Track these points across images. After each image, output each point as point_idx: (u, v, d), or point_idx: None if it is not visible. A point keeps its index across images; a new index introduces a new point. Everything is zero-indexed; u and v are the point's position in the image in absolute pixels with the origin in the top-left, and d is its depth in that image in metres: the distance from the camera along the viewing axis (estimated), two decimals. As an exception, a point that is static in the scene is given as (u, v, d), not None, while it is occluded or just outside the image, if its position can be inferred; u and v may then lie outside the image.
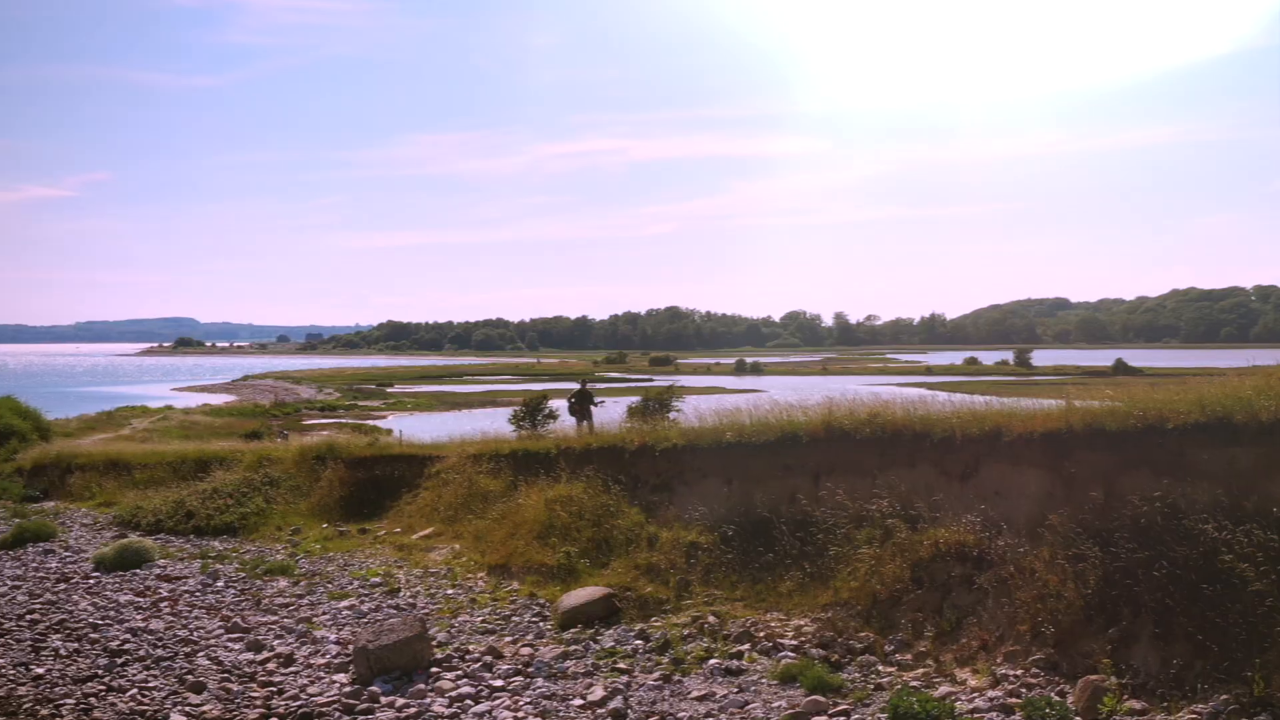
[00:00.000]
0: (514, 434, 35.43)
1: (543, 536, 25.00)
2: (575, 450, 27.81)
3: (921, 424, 21.17)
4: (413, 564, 27.09)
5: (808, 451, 22.34)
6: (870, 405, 22.86)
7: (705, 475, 24.08)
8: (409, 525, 30.65)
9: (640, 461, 25.89)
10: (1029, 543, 17.73)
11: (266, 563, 28.35)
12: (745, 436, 23.63)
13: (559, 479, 26.99)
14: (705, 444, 24.34)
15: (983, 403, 22.45)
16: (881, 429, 21.64)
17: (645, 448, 25.94)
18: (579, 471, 26.64)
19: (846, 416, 22.54)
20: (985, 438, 19.82)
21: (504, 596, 23.41)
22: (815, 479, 21.99)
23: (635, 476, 25.77)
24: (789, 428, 23.06)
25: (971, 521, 18.79)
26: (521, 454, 29.60)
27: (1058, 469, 18.27)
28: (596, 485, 25.82)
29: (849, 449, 21.73)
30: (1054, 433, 18.77)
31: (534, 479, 27.90)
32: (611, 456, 26.66)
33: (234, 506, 34.88)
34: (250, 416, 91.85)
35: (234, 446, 43.55)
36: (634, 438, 26.65)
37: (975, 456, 19.81)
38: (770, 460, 22.81)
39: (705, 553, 21.97)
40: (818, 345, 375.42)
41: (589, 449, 27.55)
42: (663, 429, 26.96)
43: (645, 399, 35.00)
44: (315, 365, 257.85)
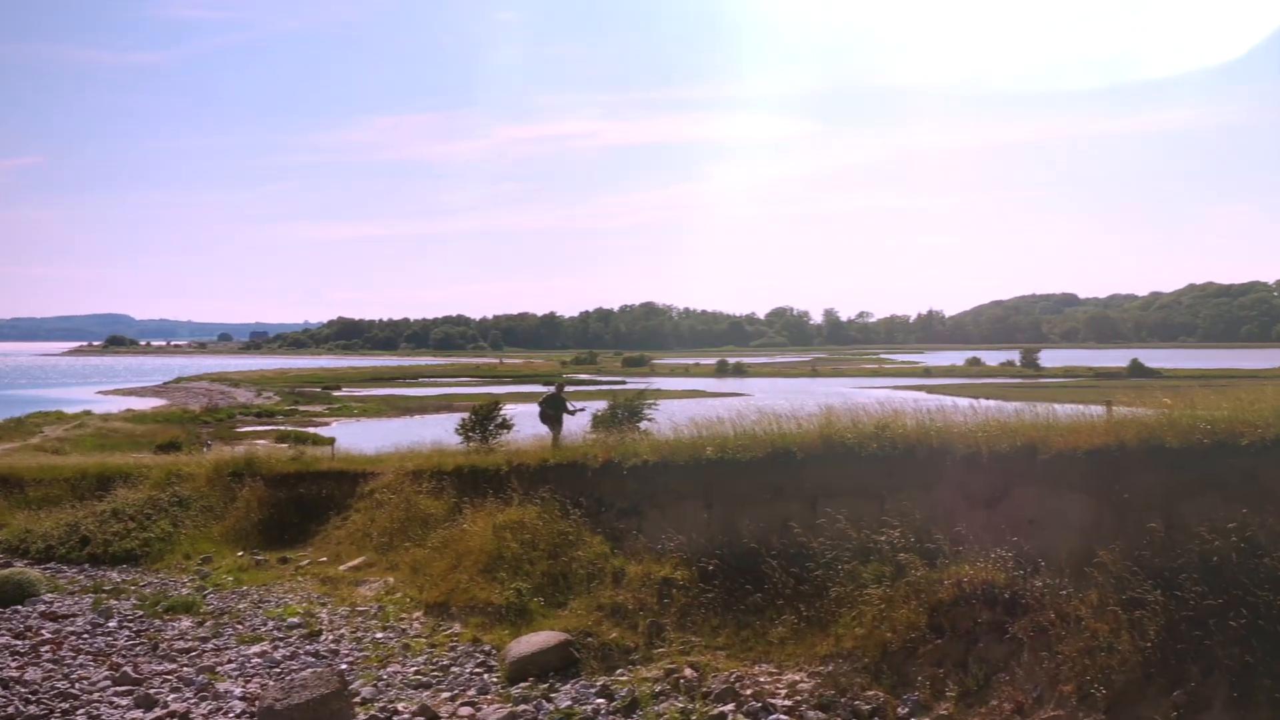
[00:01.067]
0: (463, 446, 33.42)
1: (490, 569, 23.97)
2: (529, 468, 26.82)
3: (940, 438, 20.03)
4: (338, 600, 26.11)
5: (803, 470, 21.25)
6: (877, 415, 21.79)
7: (681, 498, 23.02)
8: (336, 554, 29.72)
9: (605, 481, 24.86)
10: (1073, 583, 16.52)
11: (169, 598, 27.23)
12: (729, 452, 22.56)
13: (510, 501, 25.96)
14: (682, 460, 23.30)
15: (1011, 411, 20.82)
16: (891, 444, 20.49)
17: (611, 465, 24.90)
18: (533, 492, 25.67)
19: (849, 428, 21.45)
20: (1017, 455, 18.61)
21: (443, 642, 22.28)
22: (812, 503, 20.90)
23: (599, 499, 24.75)
24: (780, 441, 21.98)
25: (1002, 557, 17.56)
26: (468, 471, 28.62)
27: (1107, 493, 17.11)
28: (553, 509, 24.78)
29: (852, 468, 20.62)
30: (1102, 450, 17.56)
31: (481, 500, 26.92)
32: (571, 475, 25.61)
33: (136, 531, 33.52)
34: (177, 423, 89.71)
35: (142, 460, 41.39)
36: (598, 452, 25.59)
37: (1005, 478, 18.62)
38: (758, 480, 21.73)
39: (681, 591, 20.88)
40: (806, 344, 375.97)
41: (545, 466, 26.52)
42: (631, 442, 25.87)
43: (612, 406, 33.01)
44: (257, 366, 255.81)
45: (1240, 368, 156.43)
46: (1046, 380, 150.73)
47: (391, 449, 35.71)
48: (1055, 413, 20.31)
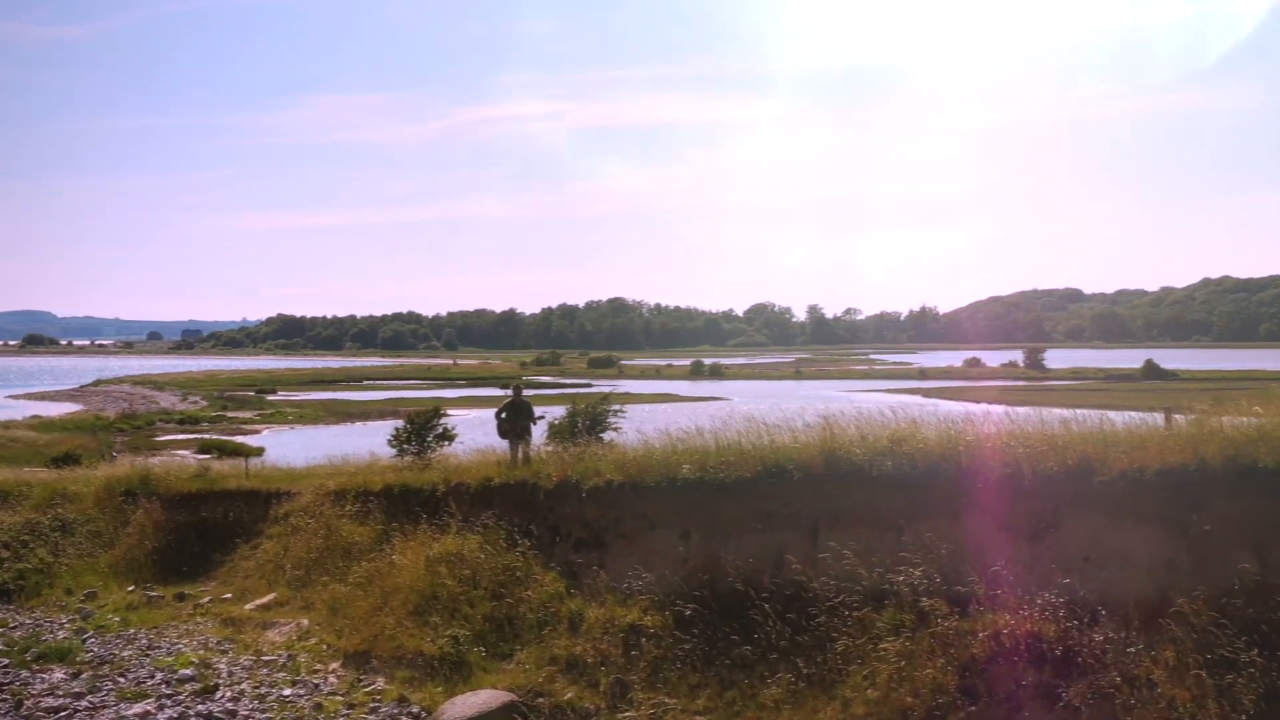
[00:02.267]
0: (399, 460, 31.63)
1: (421, 611, 22.71)
2: (470, 488, 25.62)
3: (970, 454, 18.76)
4: (241, 647, 24.62)
5: (801, 493, 20.11)
6: (890, 426, 20.64)
7: (653, 526, 21.88)
8: (243, 589, 28.44)
9: (560, 505, 23.66)
10: (1142, 638, 15.49)
11: (42, 643, 25.58)
12: (710, 470, 21.34)
13: (447, 528, 24.77)
14: (653, 480, 22.09)
15: (1055, 421, 19.30)
16: (910, 461, 19.27)
17: (567, 485, 23.68)
18: (474, 518, 24.54)
19: (856, 442, 20.23)
20: (1069, 476, 17.48)
21: (363, 701, 20.88)
22: (812, 533, 19.78)
23: (553, 526, 23.61)
24: (773, 457, 20.81)
25: (1051, 603, 16.40)
26: (398, 491, 27.43)
27: (1184, 525, 16.13)
28: (498, 539, 23.63)
29: (861, 490, 19.45)
30: (1177, 470, 16.51)
31: (413, 527, 25.69)
32: (520, 497, 24.47)
33: (9, 561, 31.74)
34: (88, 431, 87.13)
35: (25, 476, 39.29)
36: (551, 470, 24.38)
37: (1054, 504, 17.48)
38: (746, 505, 20.58)
39: (652, 641, 19.68)
40: (789, 344, 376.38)
41: (489, 486, 25.25)
42: (592, 457, 24.46)
43: (572, 413, 31.08)
44: (187, 368, 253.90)
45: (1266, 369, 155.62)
46: (1054, 383, 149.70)
47: (324, 461, 34.84)
48: (1112, 423, 18.94)
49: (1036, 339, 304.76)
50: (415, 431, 32.50)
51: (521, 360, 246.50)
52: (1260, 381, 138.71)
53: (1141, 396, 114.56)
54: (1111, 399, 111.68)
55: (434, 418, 32.81)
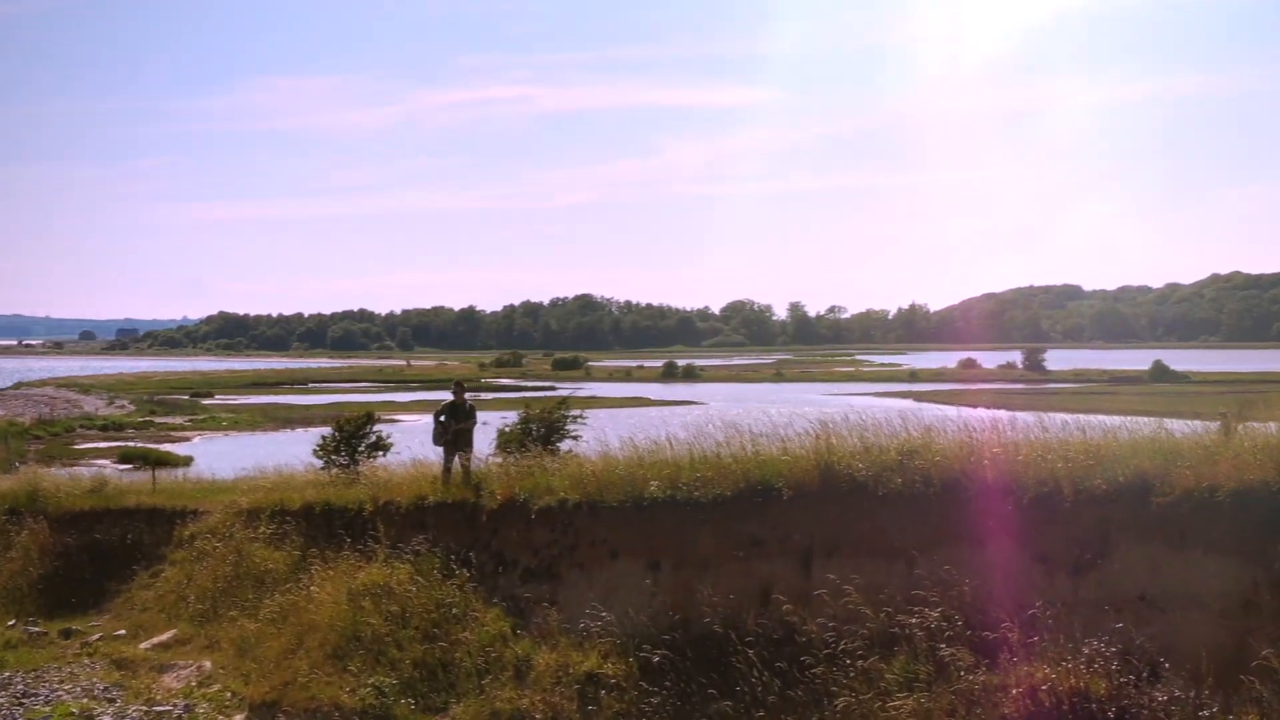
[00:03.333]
0: (327, 473, 30.56)
1: (341, 655, 21.72)
2: (400, 508, 24.54)
3: (997, 469, 17.70)
4: (132, 694, 23.59)
5: (792, 515, 19.17)
6: (901, 437, 19.59)
7: (614, 554, 20.94)
8: (140, 624, 27.42)
9: (506, 528, 22.66)
10: (1217, 697, 14.54)
11: None
12: (683, 488, 20.34)
13: (373, 554, 23.76)
14: (614, 500, 21.06)
15: (1095, 428, 18.46)
16: (924, 477, 18.22)
17: (514, 505, 22.61)
18: (405, 542, 23.38)
19: (859, 455, 19.25)
20: (1120, 495, 16.39)
21: None
22: (805, 563, 18.87)
23: (497, 554, 22.62)
24: (758, 473, 19.81)
25: (1100, 652, 15.30)
26: (319, 510, 26.51)
27: (1266, 557, 15.05)
28: (432, 568, 22.59)
29: (865, 512, 18.52)
30: (1257, 489, 15.37)
31: (335, 552, 24.80)
32: (459, 519, 23.46)
33: None
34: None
35: None
36: (496, 487, 23.35)
37: (1102, 529, 16.43)
38: (726, 530, 19.65)
39: (613, 693, 18.77)
40: (768, 344, 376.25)
41: (422, 506, 24.23)
42: (544, 472, 23.34)
43: (525, 419, 29.59)
44: (120, 369, 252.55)
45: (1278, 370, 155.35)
46: (1055, 385, 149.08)
47: (255, 472, 34.12)
48: (1168, 432, 17.90)
49: (1033, 338, 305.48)
50: (344, 440, 31.59)
51: (481, 361, 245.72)
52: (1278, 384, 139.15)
53: (1153, 400, 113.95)
54: (1120, 403, 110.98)
55: (366, 424, 32.03)
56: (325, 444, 31.59)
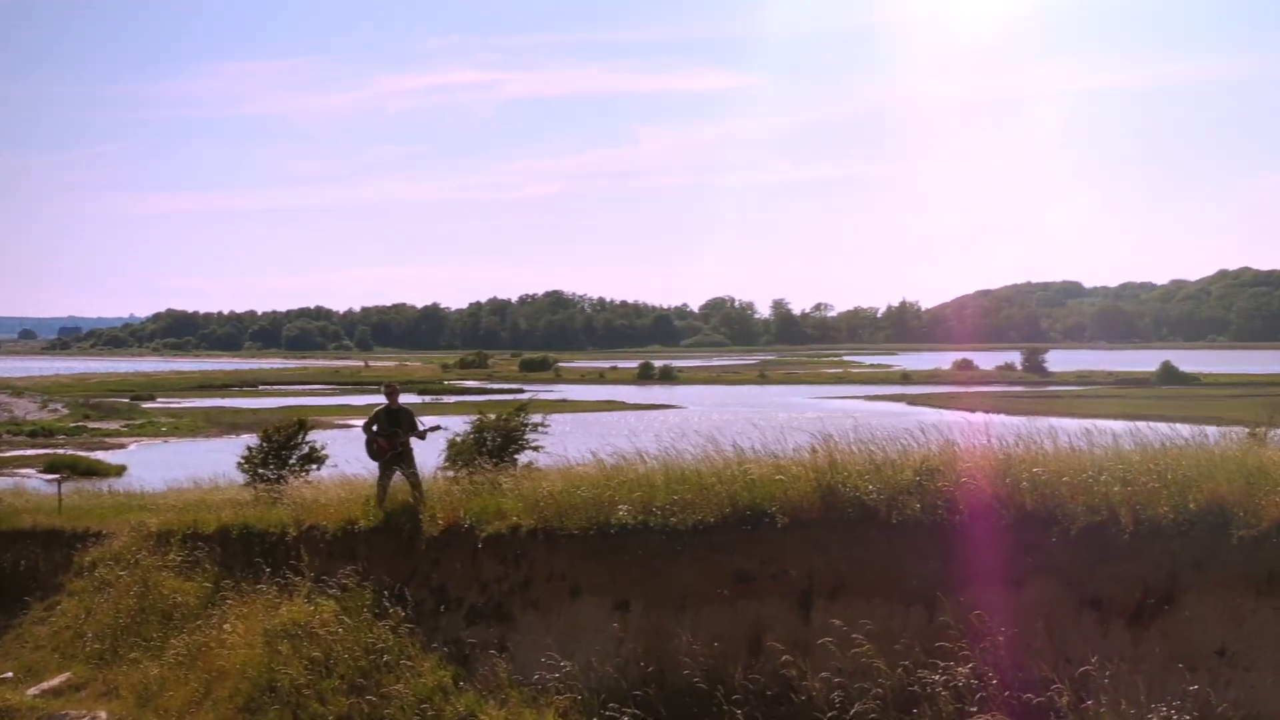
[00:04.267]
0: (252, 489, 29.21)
1: (255, 708, 20.44)
2: (326, 533, 22.90)
3: (1036, 492, 16.00)
4: None
5: (788, 547, 17.71)
6: (919, 453, 17.87)
7: (576, 592, 19.62)
8: (29, 666, 25.66)
9: (448, 559, 21.19)
10: None
11: None
12: (657, 513, 18.85)
13: (295, 588, 22.27)
14: (576, 526, 19.58)
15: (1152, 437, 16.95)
16: (946, 502, 16.59)
17: (458, 531, 21.06)
18: (332, 573, 21.87)
19: (868, 474, 17.61)
20: (1189, 526, 14.90)
21: None
22: (804, 604, 17.55)
23: (438, 589, 21.19)
24: (747, 496, 18.31)
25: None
26: (237, 534, 24.85)
27: None
28: (361, 605, 21.22)
29: (876, 544, 17.02)
30: None
31: (253, 584, 23.27)
32: (393, 547, 21.91)
33: None
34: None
35: None
36: (438, 511, 21.68)
37: (1169, 568, 14.89)
38: (709, 564, 18.25)
39: None
40: (750, 343, 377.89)
41: (352, 531, 22.51)
42: (493, 493, 21.80)
43: (478, 427, 27.89)
44: (60, 370, 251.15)
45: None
46: (1058, 388, 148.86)
47: (190, 485, 33.52)
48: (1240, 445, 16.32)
49: (1031, 338, 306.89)
50: (272, 452, 30.02)
51: (444, 362, 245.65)
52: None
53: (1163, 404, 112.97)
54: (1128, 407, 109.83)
55: (297, 433, 30.46)
56: (251, 456, 30.30)
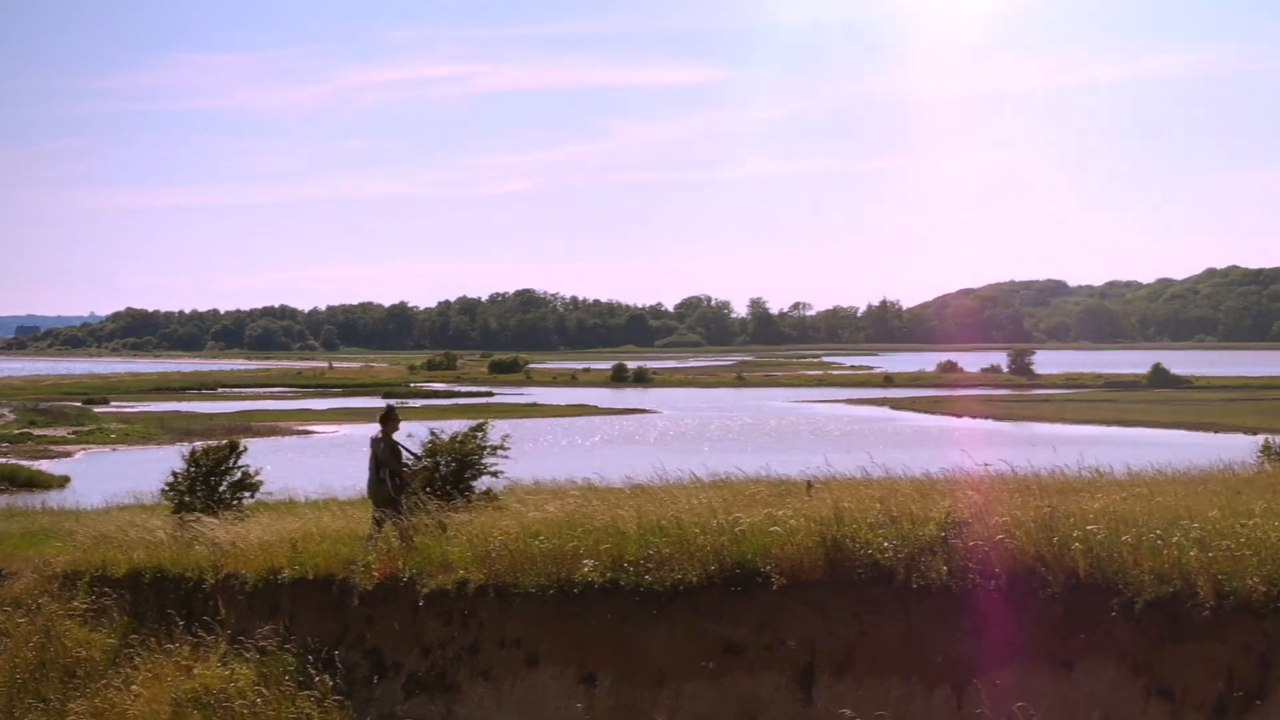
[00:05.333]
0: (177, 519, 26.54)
1: None
2: (246, 582, 20.67)
3: (1092, 554, 13.68)
4: None
5: (785, 611, 15.74)
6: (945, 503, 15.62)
7: (533, 660, 17.61)
8: None
9: (384, 618, 19.13)
10: None
11: None
12: (629, 570, 16.79)
13: (212, 646, 20.35)
14: (534, 583, 17.42)
15: (1225, 477, 15.56)
16: (982, 563, 14.36)
17: (396, 585, 18.83)
18: (253, 630, 19.95)
19: (882, 525, 15.38)
20: None
21: None
22: (805, 682, 15.60)
23: (372, 653, 19.19)
24: (735, 550, 16.19)
25: None
26: (150, 578, 22.99)
27: None
28: (282, 671, 19.21)
29: (891, 610, 15.06)
30: None
31: (165, 638, 21.21)
32: (322, 602, 19.83)
33: None
34: None
35: None
36: (371, 560, 19.51)
37: (1257, 655, 12.70)
38: (692, 631, 16.34)
39: None
40: (727, 343, 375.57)
41: (275, 582, 20.21)
42: (437, 538, 19.36)
43: (430, 450, 25.21)
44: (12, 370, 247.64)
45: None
46: (1046, 391, 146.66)
47: (132, 501, 32.62)
48: None
49: (1015, 338, 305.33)
50: (200, 477, 27.06)
51: (410, 363, 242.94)
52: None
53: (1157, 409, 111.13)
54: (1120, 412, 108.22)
55: (229, 457, 27.35)
56: (176, 483, 27.36)
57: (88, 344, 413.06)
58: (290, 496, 45.58)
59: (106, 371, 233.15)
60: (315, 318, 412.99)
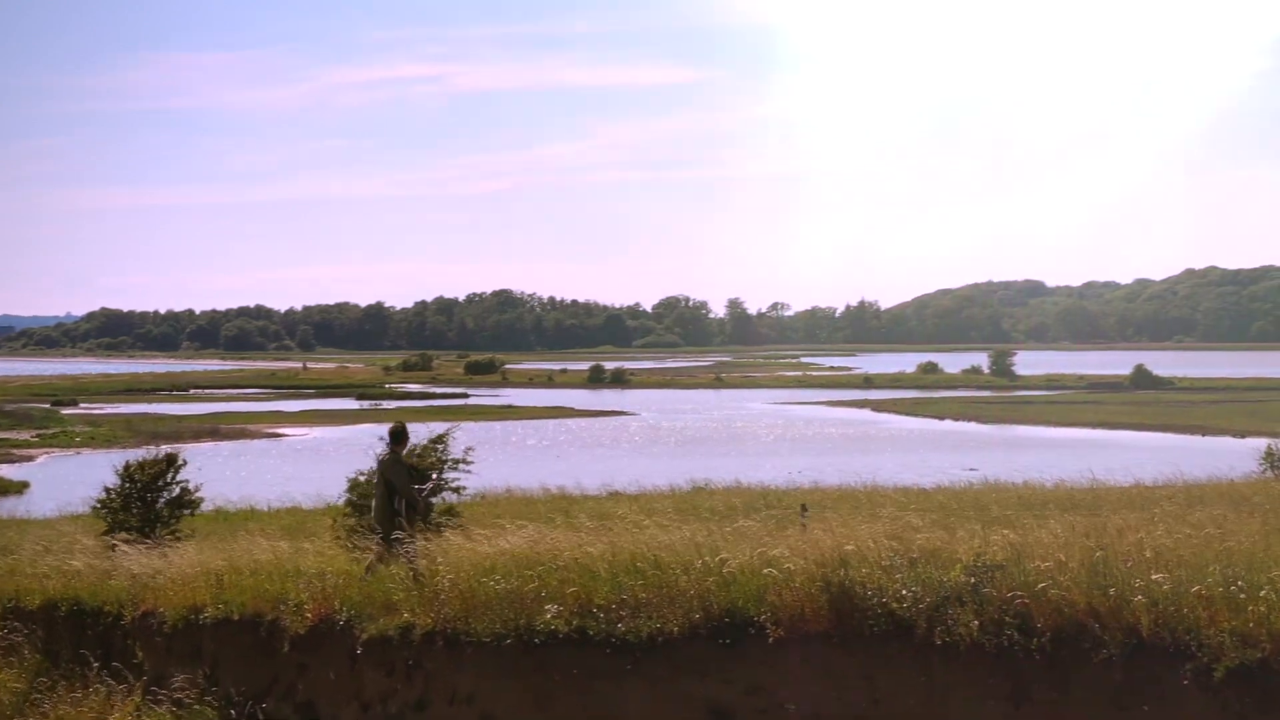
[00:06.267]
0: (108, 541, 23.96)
1: None
2: (165, 621, 17.97)
3: (1153, 608, 11.46)
4: None
5: (782, 668, 13.39)
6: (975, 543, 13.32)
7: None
8: None
9: (318, 665, 16.43)
10: None
11: None
12: (599, 616, 14.31)
13: (122, 695, 17.93)
14: (488, 630, 14.76)
15: None
16: (1021, 618, 12.07)
17: (331, 629, 16.04)
18: (171, 676, 17.45)
19: (897, 570, 13.04)
20: None
21: None
22: None
23: (304, 708, 16.59)
24: (724, 595, 13.90)
25: None
26: (66, 612, 20.29)
27: None
28: None
29: (910, 671, 12.72)
30: None
31: (78, 681, 18.73)
32: (247, 645, 17.14)
33: None
34: None
35: None
36: (304, 598, 16.64)
37: None
38: (672, 689, 14.00)
39: None
40: (705, 344, 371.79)
41: (197, 621, 17.48)
42: (380, 574, 16.69)
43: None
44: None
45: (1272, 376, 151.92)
46: (1028, 393, 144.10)
47: (86, 510, 30.67)
48: None
49: (993, 338, 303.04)
50: (137, 493, 24.75)
51: (386, 364, 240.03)
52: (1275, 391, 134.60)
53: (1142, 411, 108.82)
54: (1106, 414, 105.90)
55: (166, 471, 24.98)
56: (109, 500, 24.90)
57: (62, 344, 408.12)
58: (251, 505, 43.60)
59: (77, 372, 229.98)
60: (292, 318, 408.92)
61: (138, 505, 25.31)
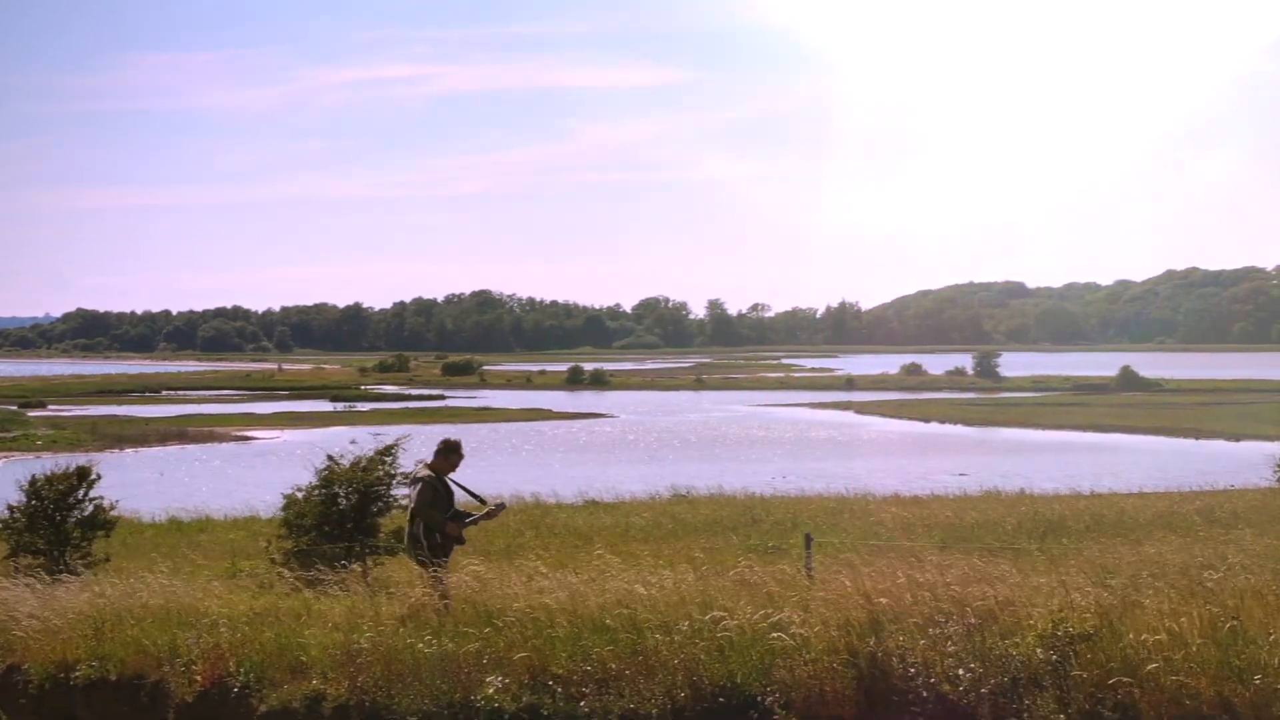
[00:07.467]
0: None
1: None
2: (31, 681, 14.48)
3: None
4: None
5: None
6: (1052, 606, 10.00)
7: None
8: None
9: None
10: None
11: None
12: (556, 690, 11.02)
13: None
14: (417, 703, 11.45)
15: None
16: (1118, 710, 8.92)
17: (225, 695, 12.60)
18: None
19: (953, 637, 9.78)
20: None
21: None
22: None
23: None
24: (719, 668, 10.55)
25: None
26: None
27: None
28: None
29: None
30: None
31: None
32: (126, 713, 13.49)
33: None
34: None
35: None
36: (195, 654, 13.29)
37: None
38: None
39: None
40: (685, 345, 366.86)
41: (67, 682, 14.06)
42: (290, 625, 13.28)
43: (326, 479, 20.09)
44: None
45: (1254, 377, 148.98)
46: (1013, 395, 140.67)
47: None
48: None
49: (974, 339, 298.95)
50: (44, 512, 21.60)
51: (363, 365, 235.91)
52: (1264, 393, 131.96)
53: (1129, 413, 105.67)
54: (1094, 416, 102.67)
55: (78, 487, 21.88)
56: (12, 519, 21.77)
57: (38, 345, 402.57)
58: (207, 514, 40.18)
59: (51, 373, 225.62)
60: (269, 319, 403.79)
61: (45, 526, 22.29)
